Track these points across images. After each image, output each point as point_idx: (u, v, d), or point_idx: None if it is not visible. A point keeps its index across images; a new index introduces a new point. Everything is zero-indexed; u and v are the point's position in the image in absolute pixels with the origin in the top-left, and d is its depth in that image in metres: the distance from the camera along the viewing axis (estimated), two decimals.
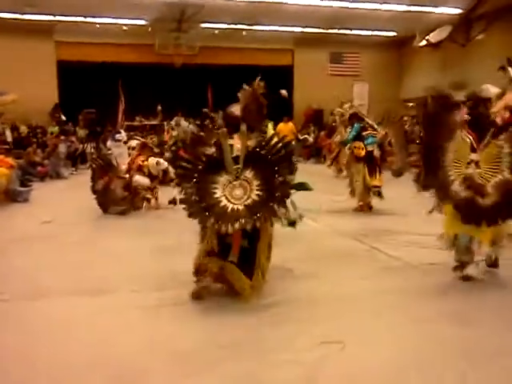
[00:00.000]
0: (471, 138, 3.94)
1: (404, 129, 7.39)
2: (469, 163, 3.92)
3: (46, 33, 17.25)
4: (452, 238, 4.02)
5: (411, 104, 19.48)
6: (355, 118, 7.41)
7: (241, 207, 3.34)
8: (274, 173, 3.40)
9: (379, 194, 7.00)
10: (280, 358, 2.69)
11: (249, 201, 3.37)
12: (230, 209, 3.35)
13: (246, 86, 3.92)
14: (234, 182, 3.47)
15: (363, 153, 6.96)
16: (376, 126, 7.38)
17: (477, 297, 3.64)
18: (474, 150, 3.93)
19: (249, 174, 3.48)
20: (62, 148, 12.46)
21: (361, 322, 3.18)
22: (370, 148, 6.96)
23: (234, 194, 3.42)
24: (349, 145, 7.26)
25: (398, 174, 7.13)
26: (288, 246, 5.14)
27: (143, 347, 2.83)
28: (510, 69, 3.97)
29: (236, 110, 3.88)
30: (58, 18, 16.28)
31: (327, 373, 2.54)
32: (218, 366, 2.61)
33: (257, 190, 3.41)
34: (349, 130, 7.55)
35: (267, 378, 2.50)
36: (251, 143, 3.57)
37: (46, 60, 17.49)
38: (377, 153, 7.01)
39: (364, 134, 7.06)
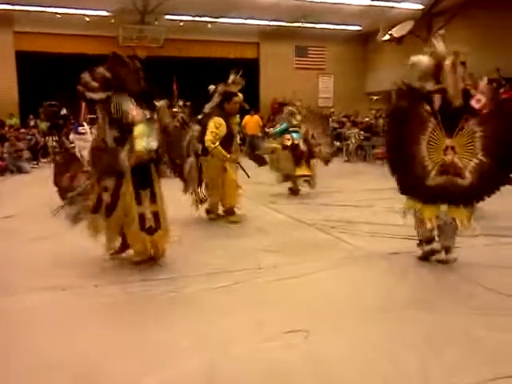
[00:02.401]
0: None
1: (325, 121, 8.38)
2: (445, 149, 4.01)
3: (4, 23, 16.67)
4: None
5: (375, 97, 19.82)
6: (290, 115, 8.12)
7: None
8: None
9: (309, 183, 7.76)
10: (242, 348, 2.69)
11: None
12: None
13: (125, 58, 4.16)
14: None
15: (289, 142, 7.64)
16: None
17: (437, 284, 3.74)
18: (449, 136, 4.03)
19: None
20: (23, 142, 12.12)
21: (324, 311, 3.22)
22: (296, 141, 7.65)
23: None
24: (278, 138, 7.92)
25: (325, 161, 8.14)
26: (252, 237, 5.18)
27: (107, 342, 2.79)
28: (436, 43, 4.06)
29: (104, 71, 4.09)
30: (16, 7, 15.73)
31: (291, 362, 2.56)
32: (180, 358, 2.59)
33: None
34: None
35: (228, 369, 2.49)
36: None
37: (4, 51, 16.91)
38: (303, 147, 7.69)
39: (291, 129, 7.79)
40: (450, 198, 4.03)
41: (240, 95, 5.79)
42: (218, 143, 5.46)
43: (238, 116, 6.00)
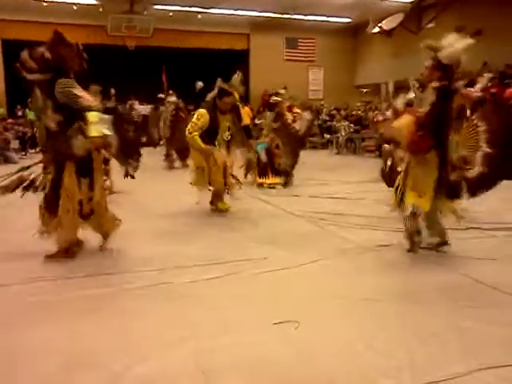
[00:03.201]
0: None
1: (291, 131, 8.17)
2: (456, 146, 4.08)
3: None
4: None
5: (365, 90, 19.86)
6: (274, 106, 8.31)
7: None
8: None
9: (279, 186, 7.88)
10: (232, 339, 2.71)
11: None
12: None
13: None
14: None
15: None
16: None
17: (425, 276, 3.78)
18: (457, 133, 4.09)
19: None
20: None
21: (314, 302, 3.24)
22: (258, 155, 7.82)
23: None
24: None
25: (284, 173, 8.04)
26: (243, 229, 5.20)
27: (95, 334, 2.79)
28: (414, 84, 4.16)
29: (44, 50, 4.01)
30: None
31: (281, 352, 2.58)
32: (169, 350, 2.60)
33: None
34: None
35: (218, 360, 2.50)
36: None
37: None
38: (263, 157, 7.90)
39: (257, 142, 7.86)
40: (462, 191, 4.09)
41: (235, 96, 5.77)
42: (195, 133, 5.55)
43: (230, 115, 5.87)
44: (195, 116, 5.68)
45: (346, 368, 2.45)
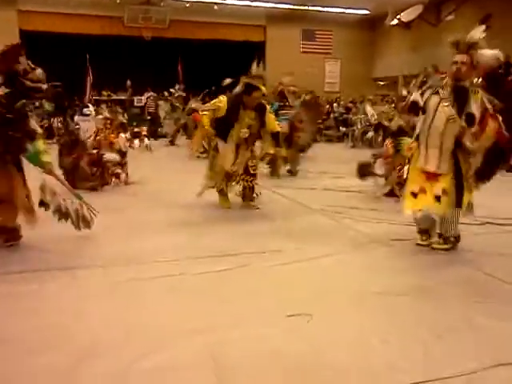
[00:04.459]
0: None
1: (321, 109, 8.28)
2: None
3: (9, 1, 16.55)
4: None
5: (382, 83, 19.66)
6: (280, 95, 8.54)
7: None
8: None
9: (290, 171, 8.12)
10: (244, 332, 2.71)
11: None
12: None
13: None
14: None
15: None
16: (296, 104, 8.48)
17: (440, 271, 3.74)
18: None
19: None
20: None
21: (327, 295, 3.23)
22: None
23: None
24: None
25: (301, 149, 8.23)
26: (257, 221, 5.19)
27: (108, 324, 2.81)
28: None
29: None
30: None
31: (293, 345, 2.57)
32: (182, 341, 2.61)
33: None
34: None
35: (231, 353, 2.50)
36: None
37: (8, 30, 16.79)
38: (285, 128, 7.63)
39: (280, 112, 7.92)
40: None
41: (263, 89, 5.50)
42: (206, 113, 5.47)
43: (254, 113, 5.52)
44: (215, 99, 5.58)
45: (359, 362, 2.44)
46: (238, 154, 5.58)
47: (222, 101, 5.43)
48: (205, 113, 5.49)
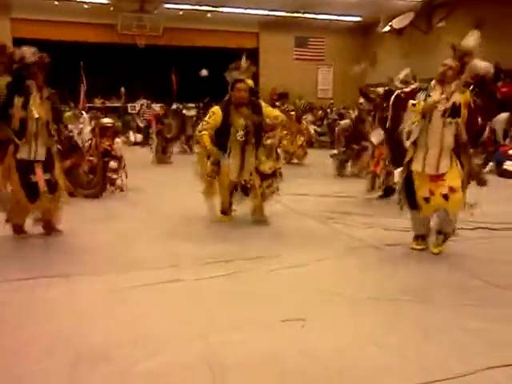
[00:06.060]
0: None
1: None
2: None
3: (1, 9, 16.54)
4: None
5: (373, 89, 19.76)
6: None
7: None
8: None
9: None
10: (241, 337, 2.72)
11: None
12: None
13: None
14: None
15: None
16: None
17: (433, 275, 3.78)
18: None
19: None
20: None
21: (321, 301, 3.25)
22: None
23: None
24: None
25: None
26: (253, 227, 5.20)
27: (107, 328, 2.82)
28: None
29: None
30: None
31: (287, 350, 2.59)
32: (180, 345, 2.63)
33: None
34: None
35: (227, 357, 2.52)
36: None
37: (1, 38, 16.78)
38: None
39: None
40: None
41: (248, 81, 5.17)
42: (204, 132, 5.04)
43: (247, 110, 5.13)
44: (208, 114, 5.22)
45: (353, 365, 2.46)
46: (244, 162, 5.18)
47: (215, 111, 5.13)
48: (203, 132, 5.06)
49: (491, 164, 9.41)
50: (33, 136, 4.44)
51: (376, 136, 6.65)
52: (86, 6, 16.91)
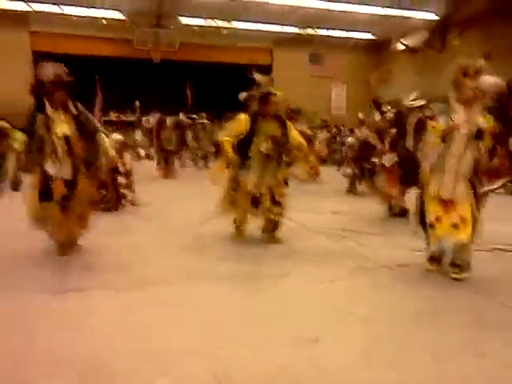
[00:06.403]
0: None
1: None
2: None
3: (21, 22, 16.89)
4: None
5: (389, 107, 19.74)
6: None
7: None
8: None
9: None
10: (251, 353, 2.70)
11: None
12: None
13: None
14: None
15: None
16: None
17: (446, 297, 3.72)
18: None
19: None
20: None
21: (332, 320, 3.22)
22: None
23: None
24: None
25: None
26: (265, 245, 5.17)
27: (116, 343, 2.81)
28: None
29: None
30: (33, 7, 15.93)
31: (298, 367, 2.56)
32: (189, 361, 2.61)
33: None
34: None
35: (237, 373, 2.50)
36: None
37: (20, 51, 17.11)
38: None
39: None
40: None
41: (278, 93, 5.10)
42: (226, 138, 4.95)
43: (275, 123, 5.06)
44: (233, 121, 5.11)
45: (363, 382, 2.42)
46: (264, 174, 5.08)
47: (241, 118, 4.98)
48: (226, 138, 4.96)
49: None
50: (58, 153, 4.39)
51: (388, 160, 6.64)
52: (104, 22, 17.23)
